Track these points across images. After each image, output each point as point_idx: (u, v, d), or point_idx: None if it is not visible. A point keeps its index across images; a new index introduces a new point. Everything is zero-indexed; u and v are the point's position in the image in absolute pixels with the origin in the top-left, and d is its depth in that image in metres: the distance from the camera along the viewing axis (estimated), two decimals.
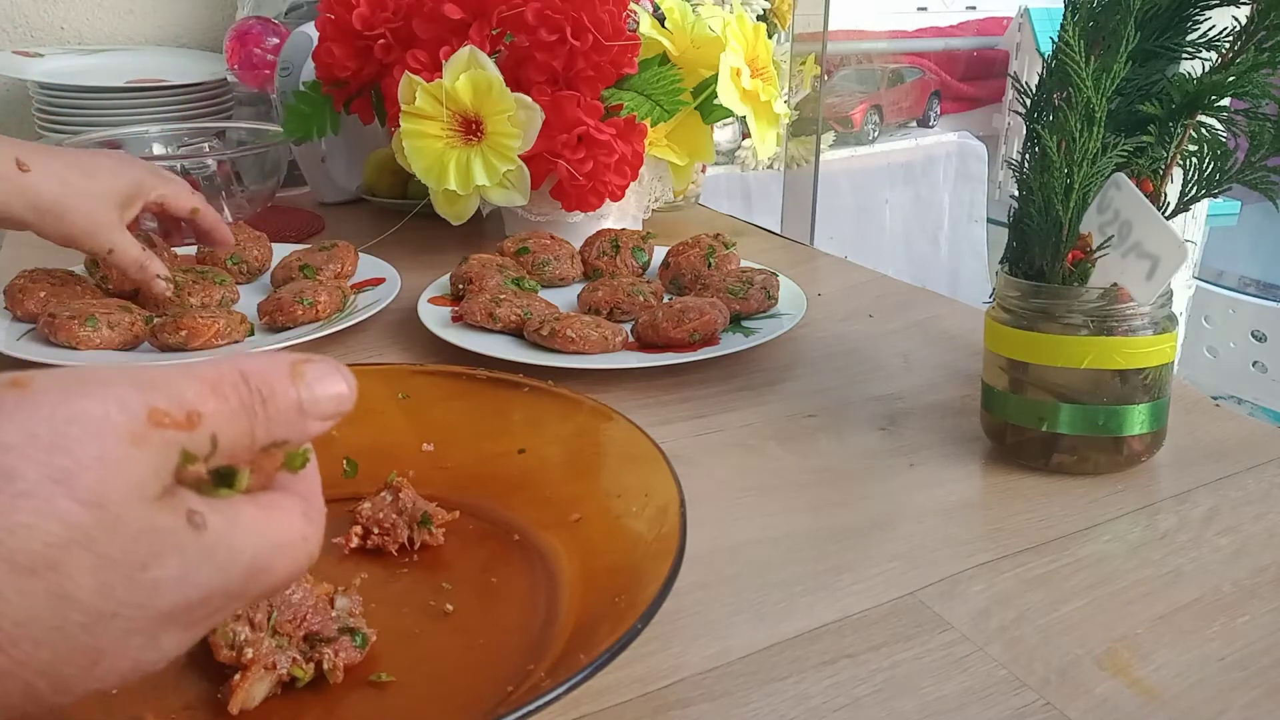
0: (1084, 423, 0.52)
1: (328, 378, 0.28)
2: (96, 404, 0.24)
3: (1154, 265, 0.48)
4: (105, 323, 0.67)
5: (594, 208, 0.83)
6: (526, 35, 0.80)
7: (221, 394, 0.26)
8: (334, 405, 0.28)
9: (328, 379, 0.28)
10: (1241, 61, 0.49)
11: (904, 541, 0.48)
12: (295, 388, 0.27)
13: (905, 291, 0.84)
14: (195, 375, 0.26)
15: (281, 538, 0.27)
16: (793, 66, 1.21)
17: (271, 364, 0.28)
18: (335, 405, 0.28)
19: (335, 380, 0.28)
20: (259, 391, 0.27)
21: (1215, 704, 0.37)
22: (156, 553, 0.24)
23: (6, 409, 0.23)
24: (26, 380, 0.24)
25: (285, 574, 0.28)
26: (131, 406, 0.24)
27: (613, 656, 0.33)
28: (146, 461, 0.24)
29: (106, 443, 0.23)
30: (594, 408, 0.50)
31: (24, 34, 1.37)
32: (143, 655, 0.25)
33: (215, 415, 0.26)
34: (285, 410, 0.27)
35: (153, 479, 0.24)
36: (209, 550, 0.25)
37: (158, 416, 0.24)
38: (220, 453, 0.26)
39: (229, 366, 0.27)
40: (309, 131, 0.95)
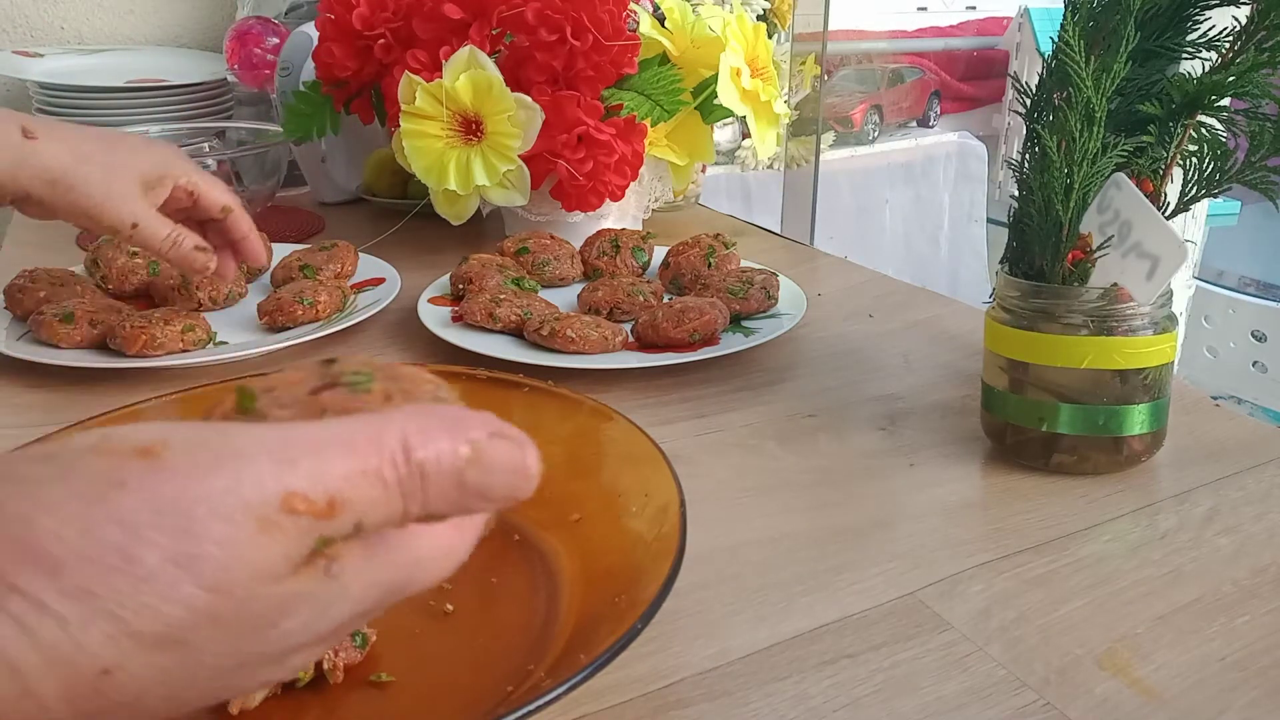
0: (1084, 423, 0.52)
1: (508, 465, 0.25)
2: (228, 482, 0.22)
3: (1154, 265, 0.48)
4: (86, 321, 0.67)
5: (594, 208, 0.83)
6: (526, 35, 0.80)
7: (377, 477, 0.23)
8: (510, 492, 0.25)
9: (508, 466, 0.25)
10: (1241, 61, 0.49)
11: (904, 541, 0.48)
12: (468, 467, 0.24)
13: (905, 291, 0.84)
14: (350, 448, 0.23)
15: (423, 552, 0.25)
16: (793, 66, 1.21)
17: (447, 435, 0.24)
18: (512, 494, 0.25)
19: (516, 470, 0.25)
20: (420, 469, 0.24)
21: (1215, 704, 0.37)
22: (288, 611, 0.23)
23: (133, 482, 0.22)
24: (157, 448, 0.22)
25: (423, 584, 0.26)
26: (266, 488, 0.22)
27: (613, 656, 0.33)
28: (276, 548, 0.22)
29: (234, 527, 0.22)
30: (594, 408, 0.50)
31: (24, 34, 1.37)
32: (270, 677, 0.25)
33: (363, 500, 0.23)
34: (447, 490, 0.24)
35: (282, 563, 0.22)
36: (344, 590, 0.24)
37: (293, 503, 0.22)
38: (363, 532, 0.24)
39: (395, 436, 0.24)
40: (309, 131, 0.95)
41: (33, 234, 1.00)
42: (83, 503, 0.21)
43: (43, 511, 0.21)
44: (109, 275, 0.77)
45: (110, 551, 0.21)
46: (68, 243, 0.96)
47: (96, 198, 0.60)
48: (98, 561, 0.21)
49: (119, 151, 0.62)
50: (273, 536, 0.22)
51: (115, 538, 0.21)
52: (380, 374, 0.27)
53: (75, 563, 0.21)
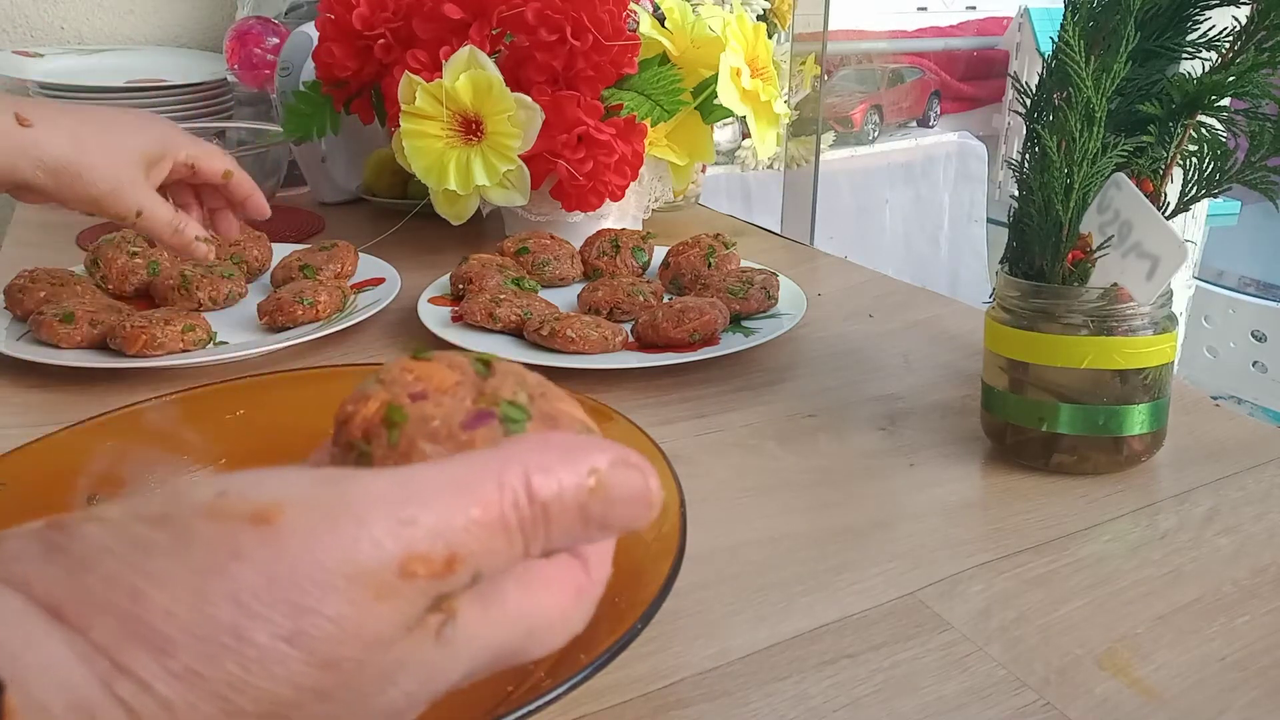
0: (1084, 423, 0.52)
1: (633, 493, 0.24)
2: (345, 550, 0.21)
3: (1154, 265, 0.48)
4: (87, 321, 0.67)
5: (594, 208, 0.83)
6: (526, 35, 0.80)
7: (500, 525, 0.22)
8: (629, 523, 0.24)
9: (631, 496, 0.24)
10: (1241, 61, 0.49)
11: (904, 541, 0.48)
12: (590, 501, 0.23)
13: (905, 291, 0.84)
14: (471, 494, 0.22)
15: (538, 620, 0.24)
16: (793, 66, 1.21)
17: (570, 467, 0.23)
18: (632, 524, 0.24)
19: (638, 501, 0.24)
20: (543, 508, 0.23)
21: (1215, 704, 0.37)
22: (395, 679, 0.22)
23: (247, 553, 0.21)
24: (273, 514, 0.21)
25: (533, 656, 0.25)
26: (385, 552, 0.21)
27: (613, 656, 0.33)
28: (392, 616, 0.21)
29: (350, 600, 0.21)
30: (594, 408, 0.50)
31: (24, 34, 1.37)
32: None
33: (483, 554, 0.22)
34: (570, 525, 0.23)
35: (397, 627, 0.22)
36: (455, 654, 0.23)
37: (413, 567, 0.21)
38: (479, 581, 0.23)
39: (518, 475, 0.22)
40: (309, 131, 0.95)
41: (33, 234, 1.00)
42: (197, 576, 0.20)
43: (156, 585, 0.20)
44: (109, 275, 0.77)
45: (222, 631, 0.20)
46: (68, 243, 0.96)
47: (102, 186, 0.60)
48: (209, 641, 0.20)
49: (116, 132, 0.61)
50: (389, 604, 0.21)
51: (228, 616, 0.20)
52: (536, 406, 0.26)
53: (186, 642, 0.20)
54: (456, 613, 0.22)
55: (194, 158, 0.65)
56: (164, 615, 0.20)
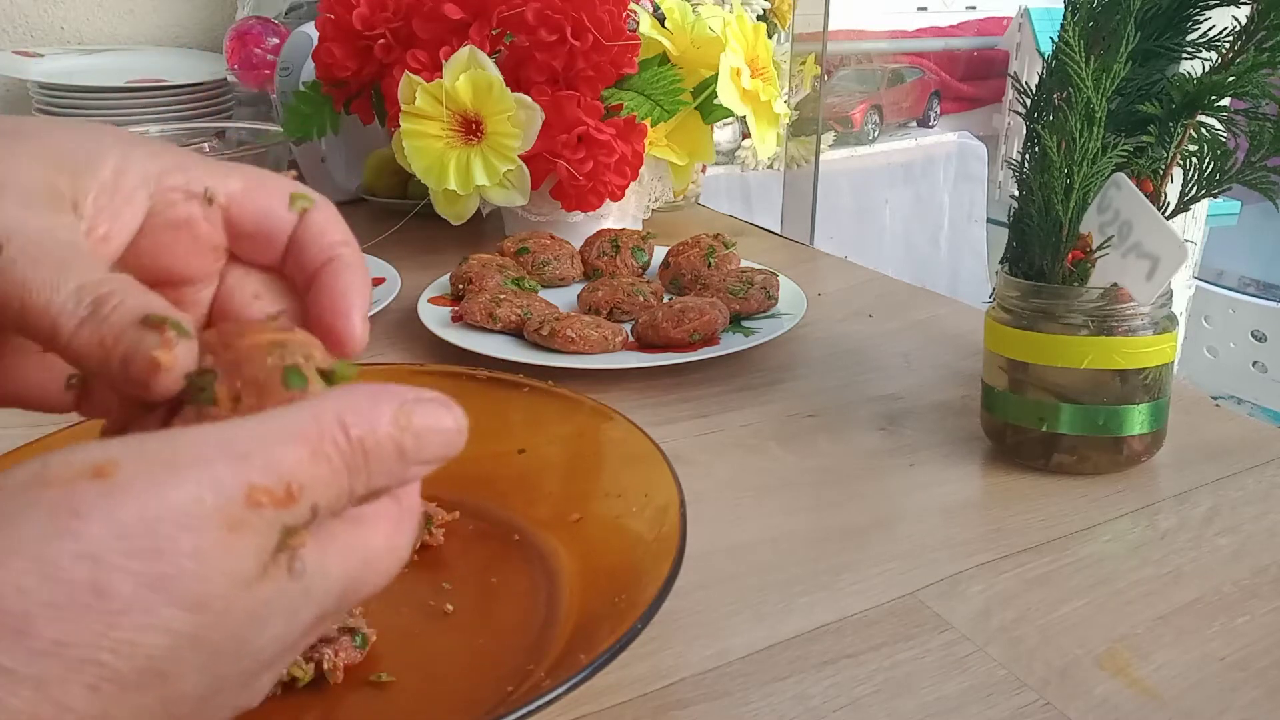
0: (1084, 423, 0.52)
1: (436, 420, 0.25)
2: (189, 491, 0.21)
3: (1154, 265, 0.48)
4: None
5: (594, 208, 0.83)
6: (526, 35, 0.80)
7: (323, 456, 0.23)
8: (442, 449, 0.26)
9: (436, 423, 0.25)
10: (1241, 61, 0.49)
11: (904, 541, 0.48)
12: (400, 435, 0.25)
13: (905, 291, 0.84)
14: (295, 434, 0.23)
15: (370, 552, 0.25)
16: (793, 66, 1.21)
17: (375, 408, 0.24)
18: (443, 450, 0.26)
19: (444, 420, 0.26)
20: (360, 444, 0.24)
21: (1215, 704, 0.37)
22: (262, 621, 0.22)
23: (87, 507, 0.20)
24: (110, 468, 0.21)
25: (374, 586, 0.26)
26: (226, 488, 0.21)
27: (613, 656, 0.33)
28: (246, 547, 0.22)
29: (203, 536, 0.21)
30: (594, 408, 0.50)
31: (24, 34, 1.37)
32: (246, 699, 0.24)
33: (315, 483, 0.23)
34: (387, 460, 0.24)
35: (253, 562, 0.22)
36: (306, 591, 0.23)
37: (255, 497, 0.22)
38: (319, 519, 0.24)
39: (331, 417, 0.24)
40: (309, 131, 0.95)
41: None
42: (40, 544, 0.19)
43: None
44: None
45: (79, 590, 0.19)
46: None
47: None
48: (68, 606, 0.19)
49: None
50: (242, 535, 0.21)
51: (84, 574, 0.19)
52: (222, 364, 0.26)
53: (43, 614, 0.19)
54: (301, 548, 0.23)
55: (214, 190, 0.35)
56: (13, 592, 0.19)
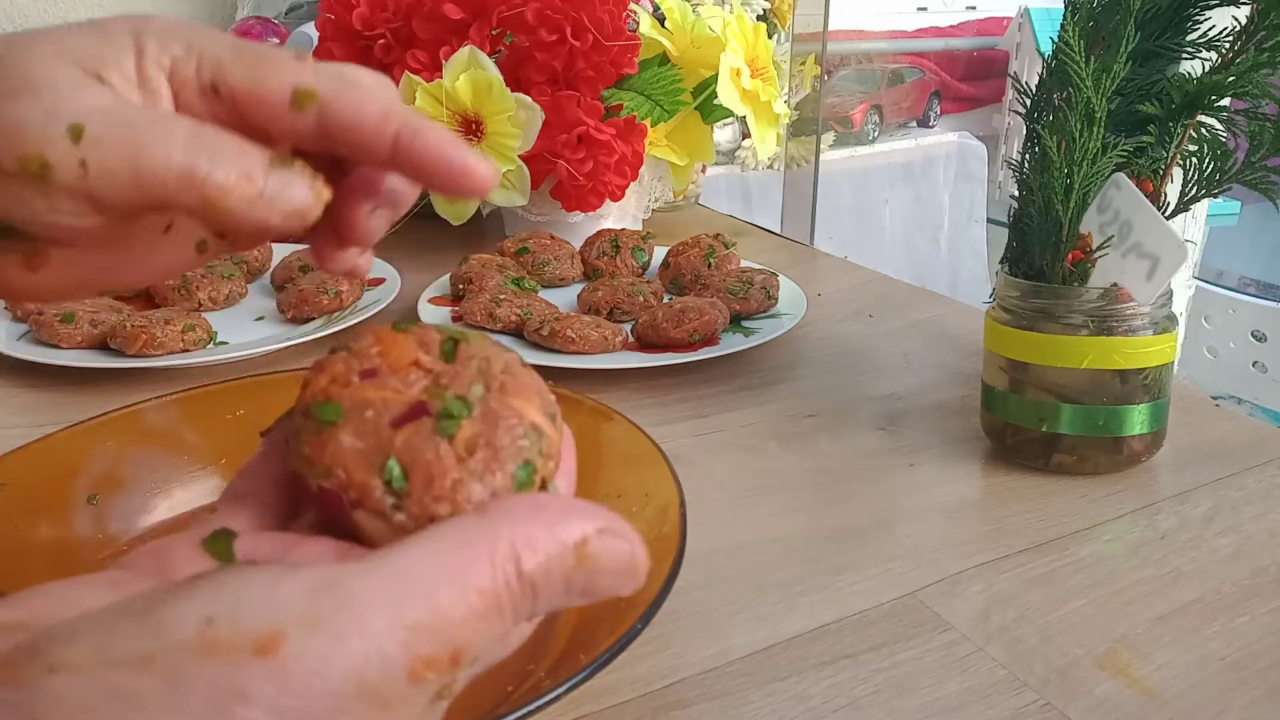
0: (1084, 423, 0.52)
1: (620, 565, 0.23)
2: (354, 669, 0.20)
3: (1154, 265, 0.48)
4: (87, 320, 0.67)
5: (594, 208, 0.83)
6: (526, 35, 0.80)
7: (496, 611, 0.22)
8: (608, 590, 0.24)
9: (614, 569, 0.23)
10: (1241, 61, 0.49)
11: (904, 541, 0.48)
12: (575, 574, 0.23)
13: (905, 291, 0.84)
14: (469, 584, 0.21)
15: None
16: (793, 66, 1.21)
17: (556, 540, 0.22)
18: (610, 591, 0.24)
19: (625, 560, 0.23)
20: (531, 583, 0.22)
21: (1215, 704, 0.37)
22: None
23: (253, 692, 0.19)
24: (275, 643, 0.19)
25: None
26: (393, 663, 0.20)
27: (613, 656, 0.33)
28: (403, 716, 0.21)
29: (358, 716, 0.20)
30: (594, 408, 0.50)
31: None
32: None
33: (481, 639, 0.21)
34: (555, 598, 0.23)
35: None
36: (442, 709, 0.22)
37: (420, 671, 0.20)
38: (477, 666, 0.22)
39: (505, 552, 0.22)
40: None
41: None
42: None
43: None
44: None
45: None
46: None
47: None
48: None
49: None
50: (400, 711, 0.20)
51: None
52: (484, 403, 0.25)
53: None
54: (457, 683, 0.22)
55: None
56: None
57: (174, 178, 0.23)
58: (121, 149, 0.23)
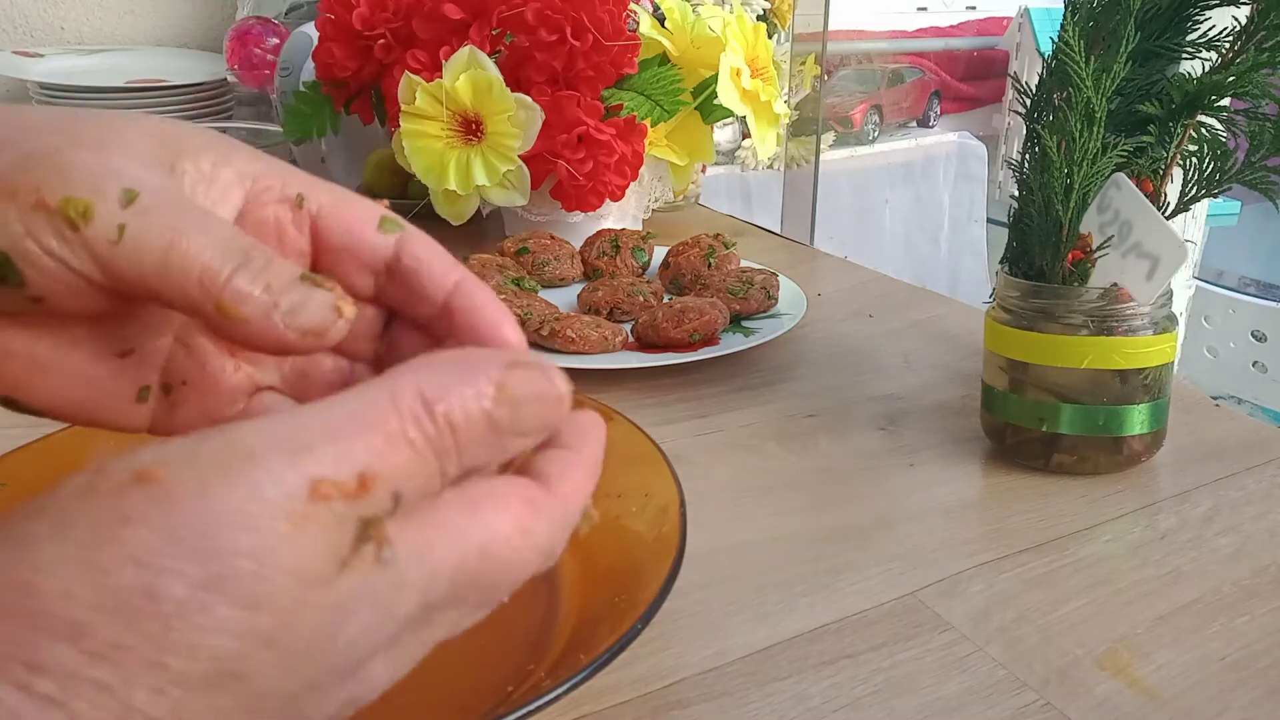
0: (1084, 423, 0.52)
1: (537, 391, 0.23)
2: (244, 489, 0.20)
3: (1154, 265, 0.48)
4: None
5: (594, 208, 0.83)
6: (526, 35, 0.80)
7: (402, 441, 0.21)
8: (542, 422, 0.24)
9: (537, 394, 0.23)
10: (1241, 61, 0.49)
11: (904, 541, 0.48)
12: (495, 408, 0.22)
13: (905, 291, 0.84)
14: (363, 420, 0.21)
15: (491, 536, 0.23)
16: (793, 66, 1.21)
17: (466, 384, 0.22)
18: (544, 422, 0.24)
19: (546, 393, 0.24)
20: (447, 424, 0.22)
21: (1215, 704, 0.37)
22: (346, 614, 0.21)
23: (138, 515, 0.19)
24: (156, 472, 0.20)
25: (509, 577, 0.24)
26: (287, 483, 0.20)
27: (613, 656, 0.33)
28: (313, 544, 0.20)
29: (260, 535, 0.19)
30: (594, 408, 0.50)
31: (24, 34, 1.37)
32: (355, 693, 0.22)
33: (393, 469, 0.21)
34: (480, 437, 0.22)
35: (327, 560, 0.20)
36: (401, 579, 0.21)
37: (321, 490, 0.20)
38: (404, 506, 0.22)
39: (412, 394, 0.22)
40: (309, 131, 0.95)
41: None
42: (88, 552, 0.19)
43: (44, 574, 0.19)
44: None
45: (131, 594, 0.19)
46: None
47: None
48: (120, 609, 0.19)
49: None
50: (308, 532, 0.20)
51: (133, 579, 0.19)
52: None
53: (95, 619, 0.19)
54: (389, 535, 0.21)
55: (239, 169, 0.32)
56: (63, 600, 0.19)
57: (198, 274, 0.23)
58: (162, 230, 0.23)
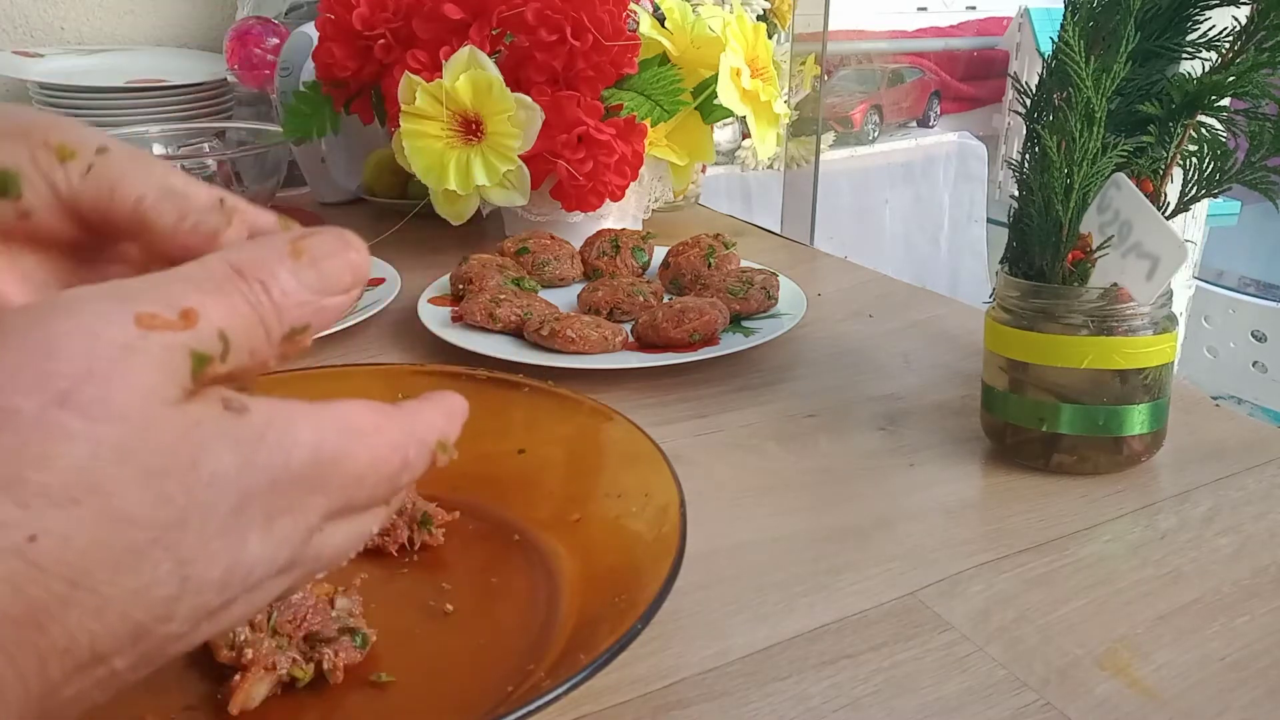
0: (1084, 423, 0.52)
1: (333, 248, 0.26)
2: (73, 321, 0.21)
3: (1154, 265, 0.48)
4: None
5: (594, 208, 0.83)
6: (526, 35, 0.80)
7: (215, 288, 0.23)
8: (348, 274, 0.26)
9: (333, 249, 0.26)
10: (1241, 61, 0.49)
11: (904, 541, 0.48)
12: (298, 266, 0.25)
13: (905, 291, 0.84)
14: (179, 275, 0.23)
15: (345, 423, 0.25)
16: (793, 66, 1.21)
17: (265, 248, 0.25)
18: (350, 274, 0.26)
19: (342, 249, 0.26)
20: (256, 279, 0.24)
21: (1215, 704, 0.37)
22: (202, 445, 0.22)
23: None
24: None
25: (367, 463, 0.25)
26: (113, 315, 0.22)
27: (613, 656, 0.33)
28: (149, 365, 0.22)
29: (96, 357, 0.21)
30: (594, 408, 0.50)
31: (24, 34, 1.37)
32: (234, 559, 0.23)
33: (214, 309, 0.23)
34: (294, 292, 0.24)
35: (166, 382, 0.22)
36: (259, 432, 0.23)
37: (146, 320, 0.22)
38: (235, 350, 0.23)
39: (216, 260, 0.24)
40: (309, 131, 0.95)
41: None
42: None
43: None
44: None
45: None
46: None
47: None
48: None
49: None
50: (140, 355, 0.21)
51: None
52: None
53: None
54: (245, 401, 0.23)
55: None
56: None
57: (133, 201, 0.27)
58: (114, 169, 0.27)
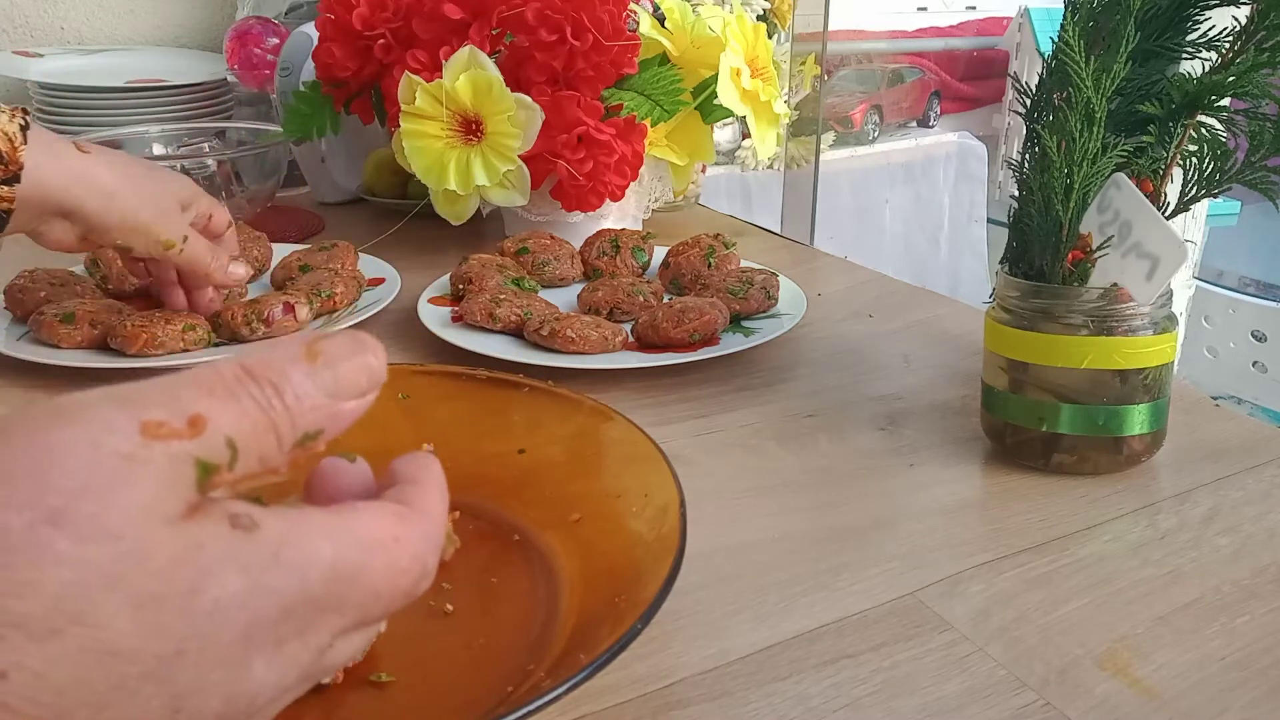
0: (1084, 423, 0.52)
1: (349, 351, 0.25)
2: (76, 430, 0.20)
3: (1154, 265, 0.48)
4: (87, 321, 0.67)
5: (594, 208, 0.83)
6: (526, 35, 0.80)
7: (227, 394, 0.23)
8: (364, 377, 0.25)
9: (349, 352, 0.25)
10: (1241, 61, 0.49)
11: (904, 541, 0.48)
12: (313, 369, 0.24)
13: (905, 291, 0.84)
14: (189, 380, 0.23)
15: (365, 534, 0.24)
16: (793, 66, 1.21)
17: (279, 350, 0.24)
18: (366, 377, 0.25)
19: (358, 351, 0.25)
20: (269, 383, 0.23)
21: (1215, 704, 0.37)
22: (205, 570, 0.21)
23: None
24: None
25: (387, 578, 0.24)
26: (118, 424, 0.21)
27: (613, 656, 0.33)
28: (151, 478, 0.20)
29: (95, 470, 0.20)
30: (594, 408, 0.50)
31: (24, 34, 1.37)
32: (235, 689, 0.21)
33: (222, 416, 0.22)
34: (308, 396, 0.24)
35: (168, 496, 0.21)
36: (272, 553, 0.22)
37: (152, 429, 0.21)
38: (244, 457, 0.22)
39: (227, 364, 0.24)
40: (309, 131, 0.95)
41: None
42: None
43: None
44: (109, 275, 0.77)
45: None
46: None
47: (152, 211, 0.63)
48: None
49: (157, 176, 0.65)
50: (143, 467, 0.20)
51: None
52: None
53: None
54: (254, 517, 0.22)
55: (212, 211, 0.69)
56: None
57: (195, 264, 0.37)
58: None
